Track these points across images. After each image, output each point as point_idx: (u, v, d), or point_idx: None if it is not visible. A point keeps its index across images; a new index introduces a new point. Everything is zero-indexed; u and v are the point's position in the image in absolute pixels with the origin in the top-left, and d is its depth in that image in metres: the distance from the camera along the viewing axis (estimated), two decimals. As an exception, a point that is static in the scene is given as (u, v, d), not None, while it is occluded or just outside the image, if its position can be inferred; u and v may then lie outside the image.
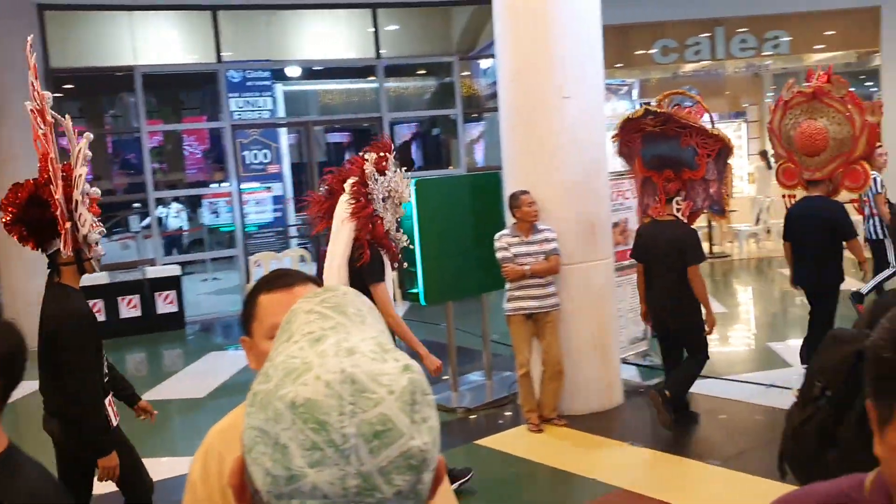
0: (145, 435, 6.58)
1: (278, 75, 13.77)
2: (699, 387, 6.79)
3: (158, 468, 5.55)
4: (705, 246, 13.18)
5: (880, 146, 8.07)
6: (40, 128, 3.68)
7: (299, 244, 13.44)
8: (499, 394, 6.82)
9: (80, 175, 3.73)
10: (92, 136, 3.90)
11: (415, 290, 6.60)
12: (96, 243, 3.77)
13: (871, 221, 8.07)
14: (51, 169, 3.60)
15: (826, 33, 13.45)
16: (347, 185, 4.76)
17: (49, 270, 3.73)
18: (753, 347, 8.34)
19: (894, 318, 0.95)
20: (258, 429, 0.78)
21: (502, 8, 6.26)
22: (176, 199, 15.44)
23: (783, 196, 6.62)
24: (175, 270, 10.95)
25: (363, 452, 0.76)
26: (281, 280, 1.72)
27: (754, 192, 14.34)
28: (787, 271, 6.72)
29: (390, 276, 4.86)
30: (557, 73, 6.03)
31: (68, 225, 3.62)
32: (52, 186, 3.59)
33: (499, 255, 5.92)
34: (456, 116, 12.92)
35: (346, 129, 17.91)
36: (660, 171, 6.17)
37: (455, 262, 6.64)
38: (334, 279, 4.64)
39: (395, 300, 4.89)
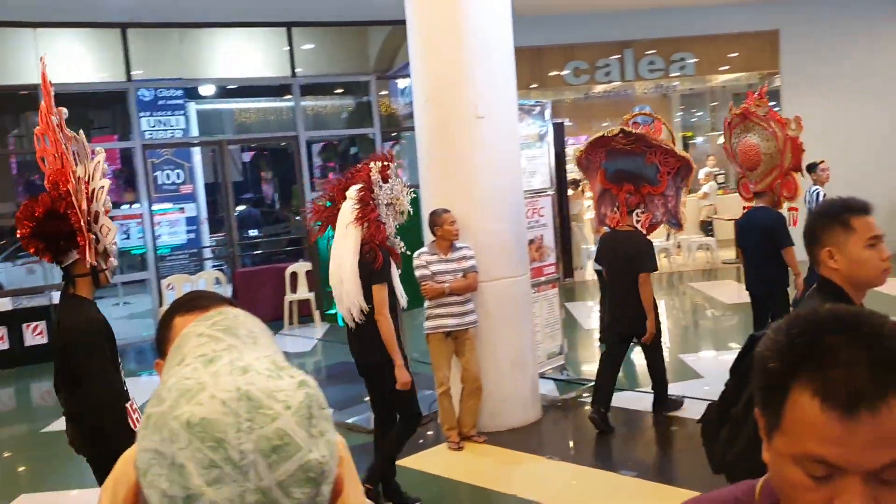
0: (56, 466, 6.33)
1: (191, 94, 13.53)
2: (616, 399, 6.94)
3: (67, 501, 5.34)
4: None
5: (823, 162, 8.60)
6: (60, 143, 3.80)
7: (214, 266, 13.18)
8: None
9: (103, 188, 3.89)
10: (104, 152, 4.01)
11: (332, 311, 6.54)
12: (113, 255, 3.91)
13: None
14: (72, 182, 3.72)
15: (730, 55, 14.01)
16: (353, 192, 4.89)
17: (64, 282, 3.83)
18: (667, 360, 8.54)
19: (779, 329, 0.99)
20: (153, 451, 0.78)
21: (416, 29, 6.32)
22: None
23: (743, 208, 6.97)
24: (84, 295, 10.58)
25: (261, 468, 0.77)
26: (197, 302, 1.72)
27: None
28: (695, 285, 6.94)
29: (398, 278, 5.04)
30: (472, 93, 6.11)
31: (91, 237, 3.74)
32: (73, 199, 3.70)
33: (417, 273, 5.93)
34: (374, 135, 12.93)
35: (262, 148, 17.70)
36: (619, 185, 6.48)
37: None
38: (349, 282, 4.79)
39: (392, 302, 4.98)
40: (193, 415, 0.77)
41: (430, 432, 6.43)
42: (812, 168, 8.63)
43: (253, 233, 15.39)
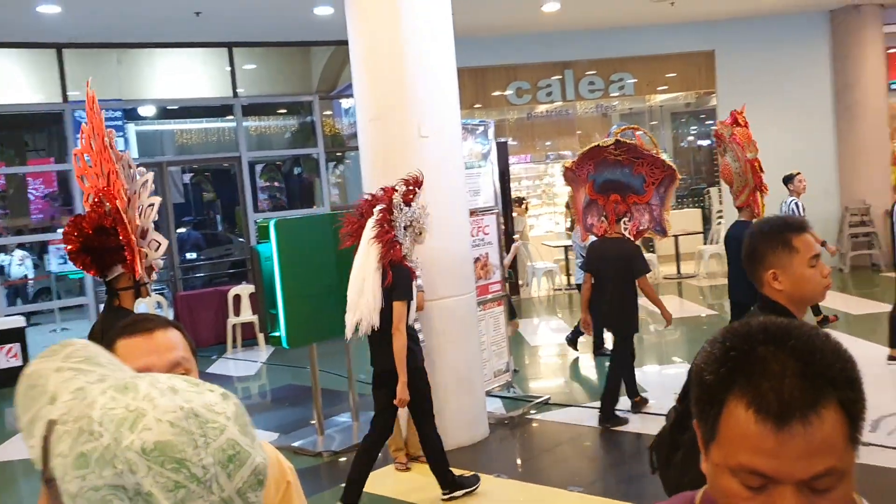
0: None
1: (130, 115, 13.30)
2: (562, 415, 6.99)
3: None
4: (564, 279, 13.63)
5: (799, 173, 9.01)
6: (112, 161, 3.96)
7: (155, 290, 12.92)
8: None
9: (152, 205, 4.09)
10: (152, 173, 4.26)
11: (277, 333, 6.47)
12: (157, 269, 4.09)
13: None
14: (123, 199, 3.87)
15: (667, 75, 14.35)
16: (376, 211, 5.12)
17: (108, 295, 3.97)
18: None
19: (714, 342, 1.01)
20: (109, 486, 0.77)
21: (359, 50, 6.33)
22: (20, 246, 14.56)
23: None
24: (19, 322, 10.27)
25: (222, 479, 0.80)
26: (141, 324, 1.69)
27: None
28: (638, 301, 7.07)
29: (416, 295, 5.30)
30: (415, 112, 6.14)
31: (141, 252, 3.90)
32: (122, 216, 3.84)
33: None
34: (318, 155, 12.88)
35: (203, 170, 17.47)
36: (606, 195, 6.76)
37: (318, 302, 6.54)
38: (369, 295, 4.99)
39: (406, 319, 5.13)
40: (146, 441, 0.77)
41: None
42: (789, 179, 9.11)
43: (195, 255, 15.15)
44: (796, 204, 8.91)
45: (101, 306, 10.94)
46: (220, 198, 17.73)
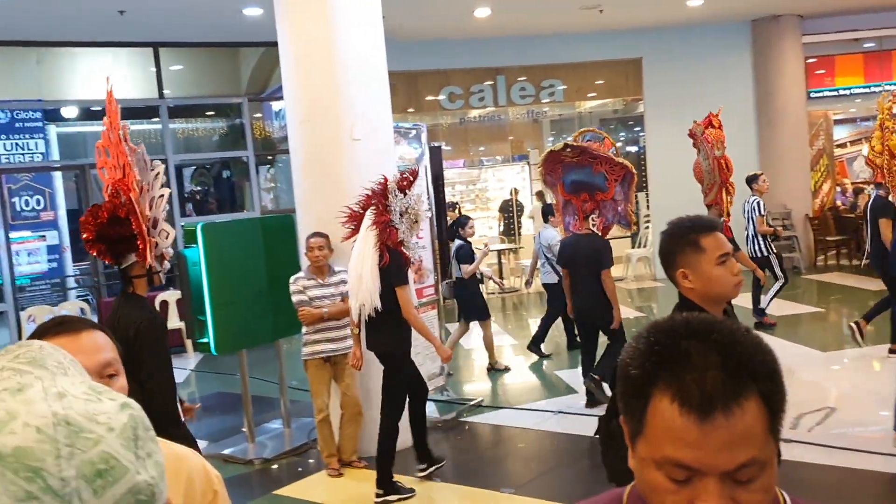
0: None
1: (51, 116, 12.88)
2: (495, 418, 7.03)
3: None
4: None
5: (762, 174, 9.48)
6: (126, 155, 4.18)
7: (79, 296, 12.54)
8: (298, 441, 6.67)
9: (162, 196, 4.32)
10: (163, 166, 4.50)
11: (205, 340, 6.33)
12: (168, 258, 4.30)
13: (755, 241, 9.16)
14: (135, 191, 4.09)
15: (596, 82, 14.59)
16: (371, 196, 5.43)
17: (122, 283, 4.18)
18: (545, 377, 8.74)
19: (639, 338, 1.03)
20: None
21: (289, 52, 6.26)
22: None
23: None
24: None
25: (86, 494, 0.74)
26: (67, 325, 1.65)
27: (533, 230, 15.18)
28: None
29: (412, 280, 5.60)
30: (347, 115, 6.10)
31: (152, 241, 4.10)
32: (135, 206, 4.06)
33: (295, 298, 5.85)
34: (248, 158, 12.68)
35: (129, 173, 17.00)
36: (578, 195, 7.13)
37: (247, 308, 6.44)
38: (368, 280, 5.19)
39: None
40: (5, 445, 0.73)
41: (310, 460, 6.32)
42: (753, 179, 9.42)
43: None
44: (758, 203, 9.27)
45: (21, 314, 10.64)
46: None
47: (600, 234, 7.03)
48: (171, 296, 10.80)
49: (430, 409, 7.27)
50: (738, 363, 0.95)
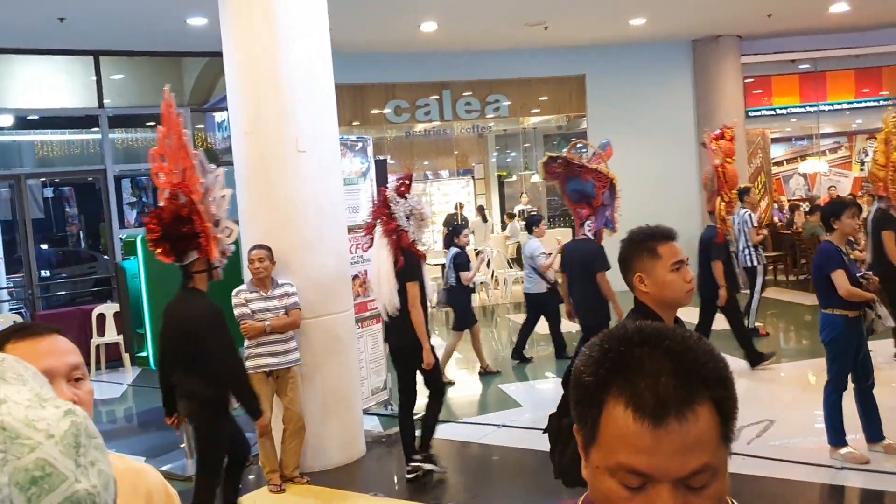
0: None
1: (-15, 124, 12.49)
2: (438, 432, 6.99)
3: None
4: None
5: (752, 187, 9.93)
6: (189, 159, 4.52)
7: (11, 309, 12.14)
8: (239, 456, 6.53)
9: (224, 196, 4.64)
10: (222, 169, 4.85)
11: (144, 354, 6.18)
12: (227, 254, 4.62)
13: (747, 252, 9.46)
14: (199, 192, 4.43)
15: (541, 98, 14.75)
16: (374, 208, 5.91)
17: (183, 278, 4.48)
18: (489, 390, 8.75)
19: (593, 346, 1.03)
20: None
21: (233, 63, 6.18)
22: None
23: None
24: None
25: (19, 502, 0.71)
26: (33, 329, 1.62)
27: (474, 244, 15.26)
28: (512, 317, 7.19)
29: (428, 277, 5.97)
30: (292, 126, 6.04)
31: (218, 238, 4.44)
32: (198, 206, 4.39)
33: (237, 311, 5.74)
34: (190, 170, 12.46)
35: (66, 183, 16.61)
36: (578, 203, 7.70)
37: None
38: (385, 284, 5.59)
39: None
40: None
41: (251, 476, 6.20)
42: (746, 192, 9.72)
43: (52, 273, 14.35)
44: (749, 215, 9.57)
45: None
46: (84, 213, 16.89)
47: (593, 238, 7.48)
48: (109, 308, 10.53)
49: (374, 423, 7.22)
50: (691, 369, 0.95)
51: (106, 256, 12.93)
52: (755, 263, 9.58)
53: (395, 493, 5.74)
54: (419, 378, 5.86)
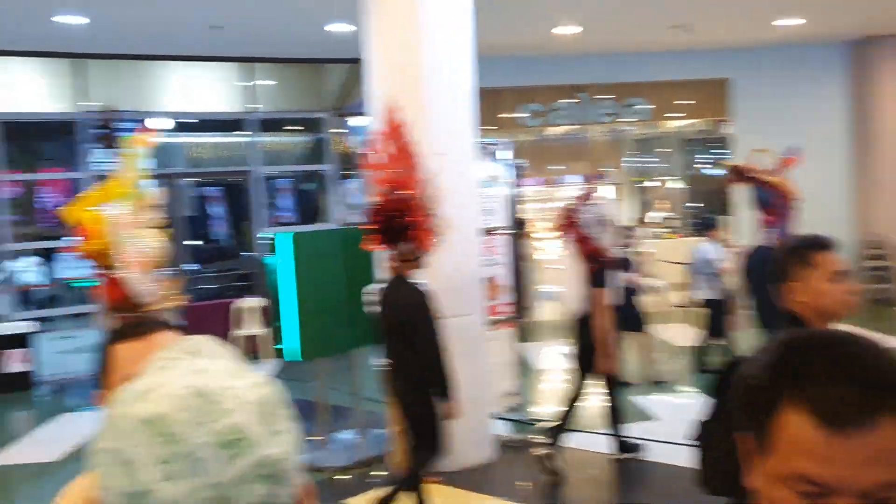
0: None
1: (145, 127, 13.32)
2: (569, 440, 6.89)
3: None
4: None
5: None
6: (411, 158, 5.12)
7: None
8: (371, 452, 6.68)
9: (438, 193, 5.16)
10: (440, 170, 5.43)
11: (280, 347, 6.43)
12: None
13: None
14: (418, 189, 4.99)
15: (682, 102, 14.32)
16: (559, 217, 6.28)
17: (397, 265, 4.90)
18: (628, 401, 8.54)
19: (765, 351, 0.99)
20: (107, 450, 0.79)
21: (373, 67, 6.32)
22: (30, 253, 14.55)
23: None
24: (26, 327, 10.24)
25: (217, 462, 0.76)
26: (137, 329, 1.67)
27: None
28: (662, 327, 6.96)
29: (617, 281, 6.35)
30: (431, 131, 6.11)
31: (433, 231, 4.96)
32: (417, 202, 4.95)
33: (369, 308, 5.85)
34: (329, 172, 12.87)
35: (215, 183, 17.51)
36: (763, 210, 7.74)
37: (330, 317, 6.52)
38: (575, 288, 6.01)
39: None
40: (146, 411, 0.78)
41: (383, 472, 6.30)
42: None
43: (201, 267, 15.14)
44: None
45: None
46: (231, 212, 17.75)
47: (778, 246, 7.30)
48: (250, 303, 11.00)
49: (504, 428, 7.20)
50: (877, 379, 0.90)
51: (249, 253, 13.54)
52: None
53: (523, 498, 5.70)
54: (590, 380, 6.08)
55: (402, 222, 4.86)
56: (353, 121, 13.58)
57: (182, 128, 14.19)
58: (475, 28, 6.53)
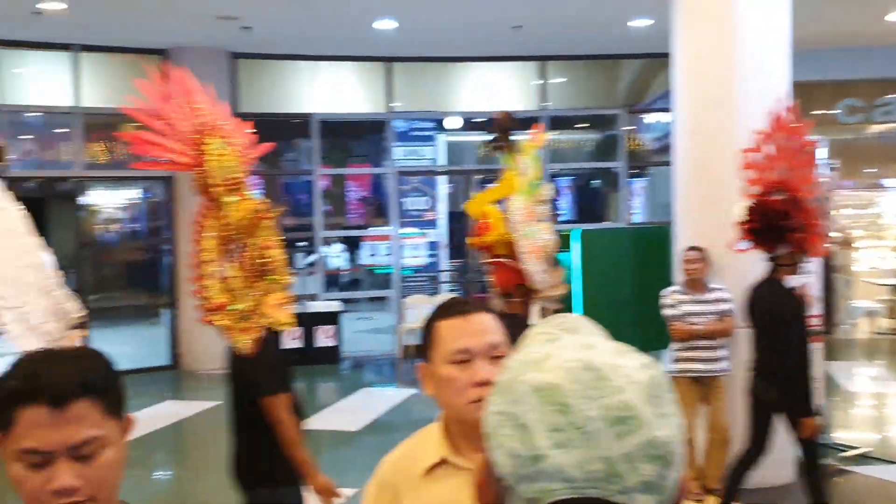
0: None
1: (441, 125, 14.05)
2: (879, 471, 6.23)
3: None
4: None
5: None
6: (811, 160, 4.99)
7: (450, 290, 13.53)
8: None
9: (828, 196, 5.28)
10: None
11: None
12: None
13: None
14: (808, 192, 4.84)
15: None
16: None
17: (771, 268, 4.80)
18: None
19: None
20: (501, 412, 0.81)
21: (680, 62, 6.11)
22: (338, 240, 16.01)
23: None
24: (335, 306, 11.22)
25: (606, 437, 0.77)
26: (458, 307, 1.74)
27: None
28: None
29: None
30: (738, 127, 5.77)
31: (821, 235, 4.91)
32: (806, 205, 4.74)
33: (666, 312, 5.68)
34: (619, 170, 12.69)
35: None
36: None
37: (615, 315, 6.44)
38: None
39: None
40: (538, 380, 0.80)
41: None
42: None
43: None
44: None
45: (403, 300, 11.72)
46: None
47: None
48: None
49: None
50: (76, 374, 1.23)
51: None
52: None
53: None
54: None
55: (785, 224, 4.67)
56: (647, 117, 13.29)
57: (474, 126, 14.78)
58: (792, 20, 6.08)
